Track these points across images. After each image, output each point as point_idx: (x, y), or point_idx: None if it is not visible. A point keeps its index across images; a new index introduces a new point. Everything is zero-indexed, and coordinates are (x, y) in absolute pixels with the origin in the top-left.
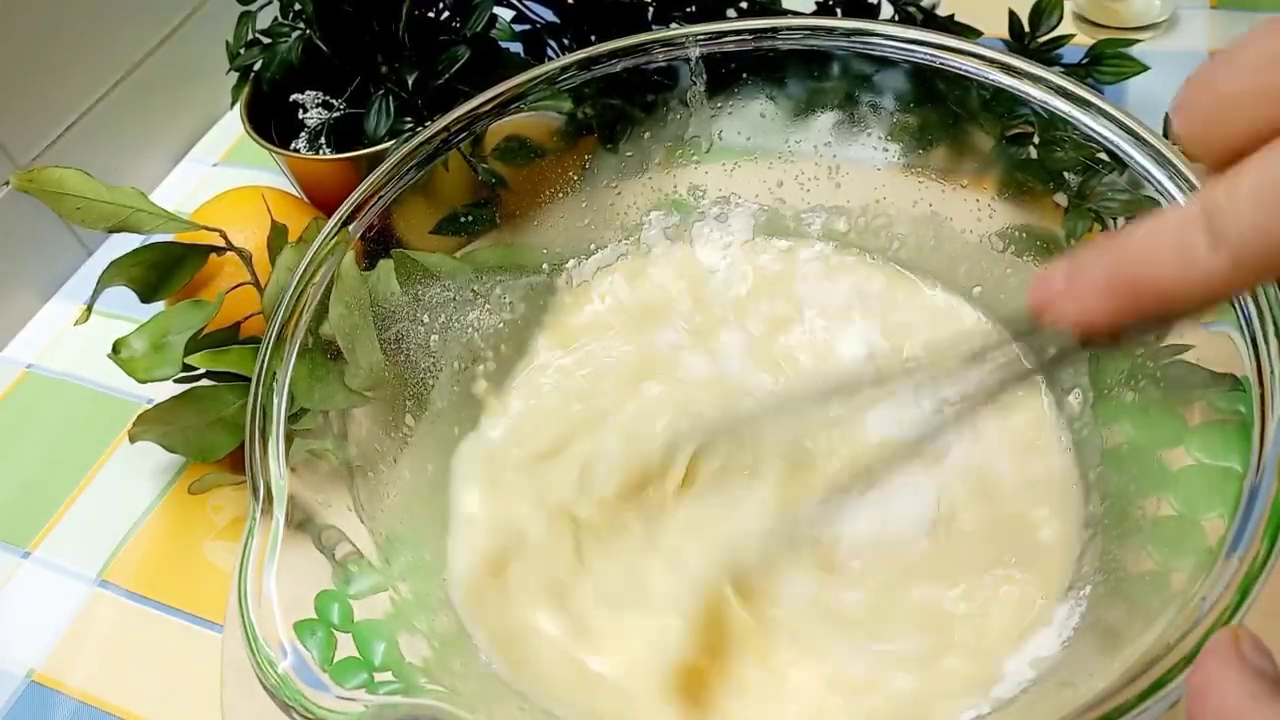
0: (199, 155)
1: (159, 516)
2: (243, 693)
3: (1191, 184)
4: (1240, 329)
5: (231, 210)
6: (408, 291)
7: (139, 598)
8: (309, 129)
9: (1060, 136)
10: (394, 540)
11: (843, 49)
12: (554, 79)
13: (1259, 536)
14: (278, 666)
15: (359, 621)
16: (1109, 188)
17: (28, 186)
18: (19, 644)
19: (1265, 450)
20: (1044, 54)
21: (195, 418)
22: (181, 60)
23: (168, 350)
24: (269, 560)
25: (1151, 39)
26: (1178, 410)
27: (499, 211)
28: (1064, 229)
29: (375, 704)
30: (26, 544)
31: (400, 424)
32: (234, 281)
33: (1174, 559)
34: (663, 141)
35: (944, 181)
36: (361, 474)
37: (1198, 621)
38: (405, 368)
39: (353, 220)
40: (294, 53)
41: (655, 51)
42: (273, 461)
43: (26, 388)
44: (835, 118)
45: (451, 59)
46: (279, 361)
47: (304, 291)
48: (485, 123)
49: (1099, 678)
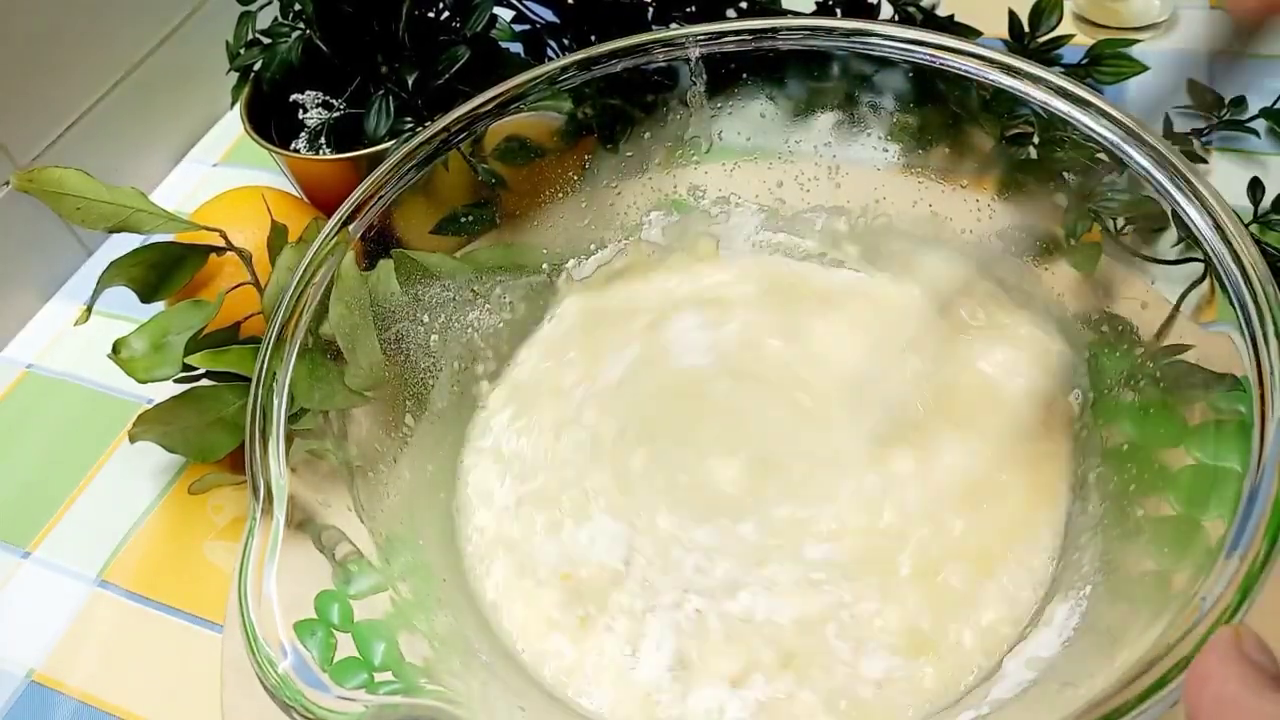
0: (199, 155)
1: (159, 516)
2: (243, 693)
3: (1191, 184)
4: (1240, 329)
5: (231, 210)
6: (408, 291)
7: (139, 598)
8: (309, 129)
9: (1060, 136)
10: (394, 540)
11: (843, 49)
12: (554, 79)
13: (1259, 536)
14: (278, 666)
15: (359, 621)
16: (1109, 188)
17: (28, 186)
18: (19, 644)
19: (1265, 450)
20: (1044, 54)
21: (195, 418)
22: (181, 60)
23: (168, 350)
24: (269, 560)
25: (1151, 39)
26: (1178, 410)
27: (499, 211)
28: (1064, 229)
29: (375, 704)
30: (26, 544)
31: (400, 424)
32: (234, 281)
33: (1174, 559)
34: (663, 141)
35: (944, 181)
36: (361, 474)
37: (1198, 621)
38: (405, 368)
39: (353, 220)
40: (294, 53)
41: (655, 51)
42: (273, 461)
43: (26, 388)
44: (835, 118)
45: (451, 59)
46: (279, 361)
47: (304, 291)
48: (485, 123)
49: (1099, 678)
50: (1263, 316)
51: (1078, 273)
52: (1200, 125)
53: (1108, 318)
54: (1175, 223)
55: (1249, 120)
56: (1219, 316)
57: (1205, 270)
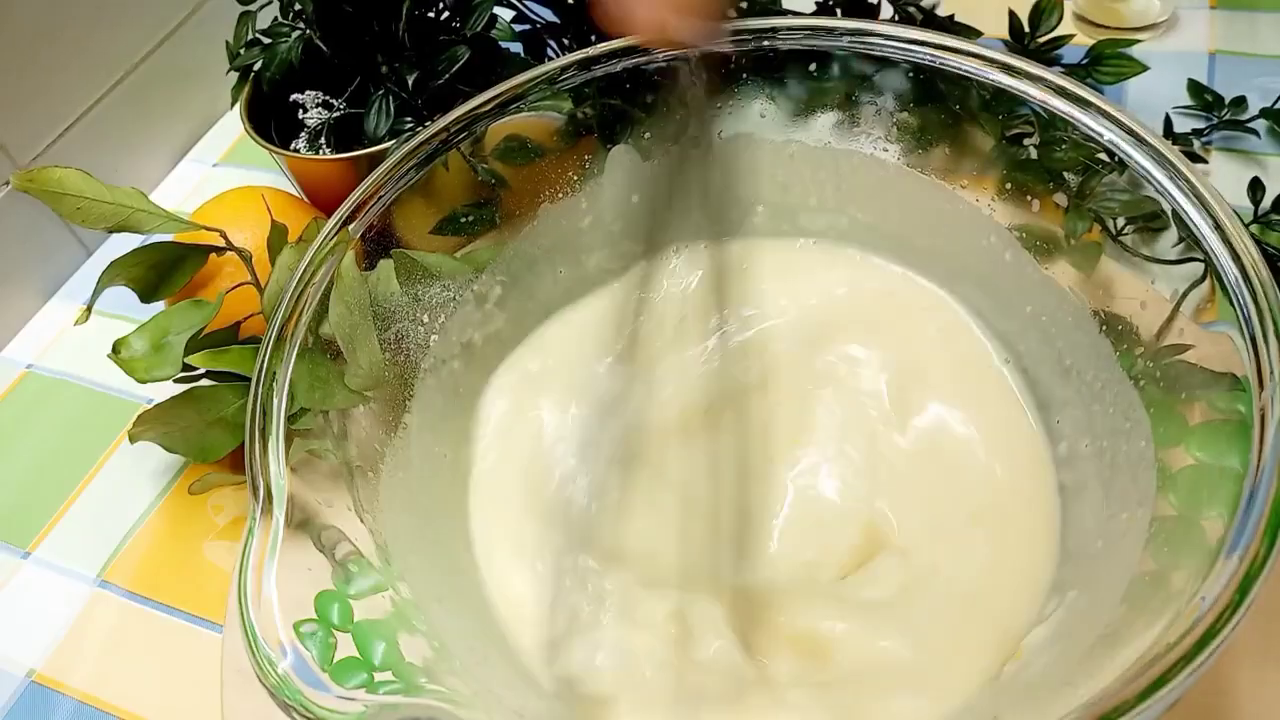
0: (199, 155)
1: (159, 516)
2: (243, 693)
3: (1191, 184)
4: (1240, 329)
5: (231, 210)
6: (408, 291)
7: (139, 598)
8: (309, 129)
9: (1060, 136)
10: (394, 540)
11: (843, 49)
12: (554, 79)
13: (1259, 536)
14: (278, 666)
15: (359, 621)
16: (1109, 188)
17: (28, 186)
18: (19, 644)
19: (1265, 450)
20: (1044, 54)
21: (195, 418)
22: (181, 60)
23: (168, 350)
24: (269, 560)
25: (1151, 39)
26: (1178, 410)
27: (499, 211)
28: (1064, 229)
29: (375, 704)
30: (26, 544)
31: (400, 424)
32: (234, 281)
33: (1174, 559)
34: (663, 141)
35: (944, 181)
36: (361, 474)
37: (1198, 621)
38: (405, 368)
39: (353, 220)
40: (294, 53)
41: (655, 51)
42: (273, 461)
43: (26, 388)
44: (835, 118)
45: (451, 59)
46: (279, 361)
47: (304, 291)
48: (485, 123)
49: (1099, 678)
50: (1263, 316)
51: (1077, 272)
52: (1200, 125)
53: (1108, 317)
54: (1175, 223)
55: (1249, 120)
56: (1219, 316)
57: (1205, 270)
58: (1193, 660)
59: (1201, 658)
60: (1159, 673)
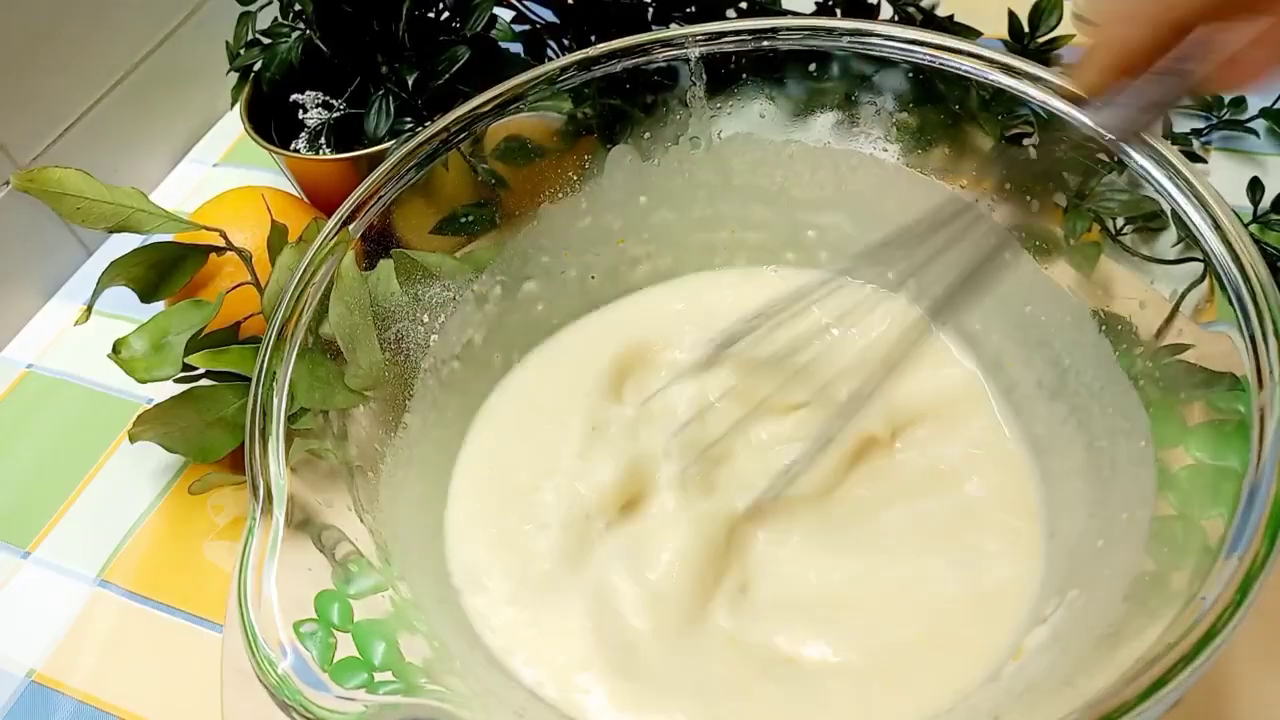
0: (199, 155)
1: (159, 516)
2: (243, 693)
3: (1191, 184)
4: (1240, 329)
5: (231, 210)
6: (408, 291)
7: (139, 598)
8: (309, 129)
9: (1060, 136)
10: (394, 540)
11: (842, 49)
12: (554, 79)
13: (1259, 536)
14: (278, 666)
15: (359, 621)
16: (1108, 188)
17: (28, 186)
18: (19, 644)
19: (1265, 450)
20: (1044, 54)
21: (195, 418)
22: (181, 60)
23: (168, 350)
24: (269, 560)
25: None
26: (1177, 410)
27: (499, 211)
28: (1064, 229)
29: (375, 704)
30: (26, 544)
31: (400, 424)
32: (234, 281)
33: (1174, 559)
34: (663, 141)
35: (944, 181)
36: (361, 474)
37: (1198, 621)
38: (405, 368)
39: (353, 220)
40: (294, 53)
41: (655, 51)
42: (273, 461)
43: (26, 388)
44: (835, 118)
45: (451, 59)
46: (279, 361)
47: (304, 291)
48: (485, 123)
49: (1099, 678)
50: (1262, 316)
51: (1077, 272)
52: (1200, 125)
53: (1107, 317)
54: (1174, 222)
55: (1249, 120)
56: (1218, 316)
57: (1205, 270)
58: (1193, 660)
59: (1202, 658)
60: (1159, 673)
